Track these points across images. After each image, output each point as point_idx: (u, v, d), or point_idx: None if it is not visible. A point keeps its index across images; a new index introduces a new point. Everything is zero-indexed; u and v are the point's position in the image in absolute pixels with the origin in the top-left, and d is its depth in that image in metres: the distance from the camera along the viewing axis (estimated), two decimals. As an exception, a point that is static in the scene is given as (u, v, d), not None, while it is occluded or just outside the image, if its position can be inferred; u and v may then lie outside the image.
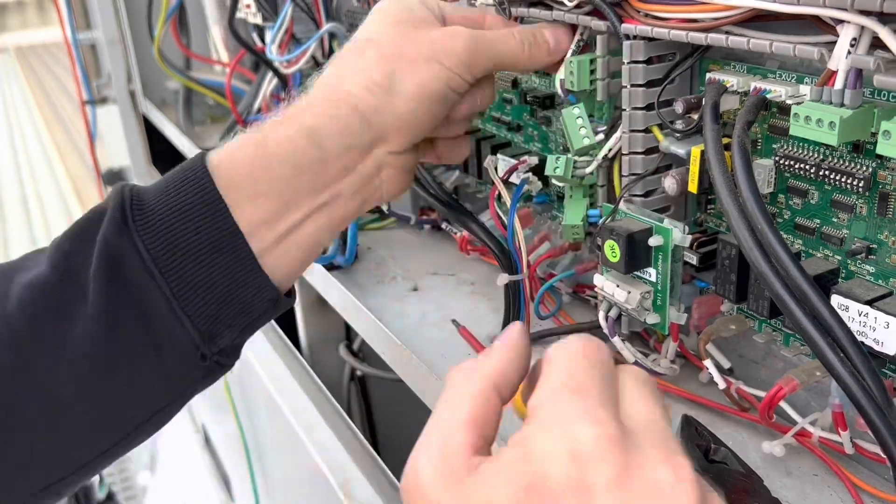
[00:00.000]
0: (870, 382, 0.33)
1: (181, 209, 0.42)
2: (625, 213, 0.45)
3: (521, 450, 0.27)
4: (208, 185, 0.43)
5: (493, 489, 0.27)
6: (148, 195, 0.43)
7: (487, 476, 0.28)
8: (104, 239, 0.42)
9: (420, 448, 0.30)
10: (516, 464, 0.27)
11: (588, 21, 0.46)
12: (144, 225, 0.42)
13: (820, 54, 0.36)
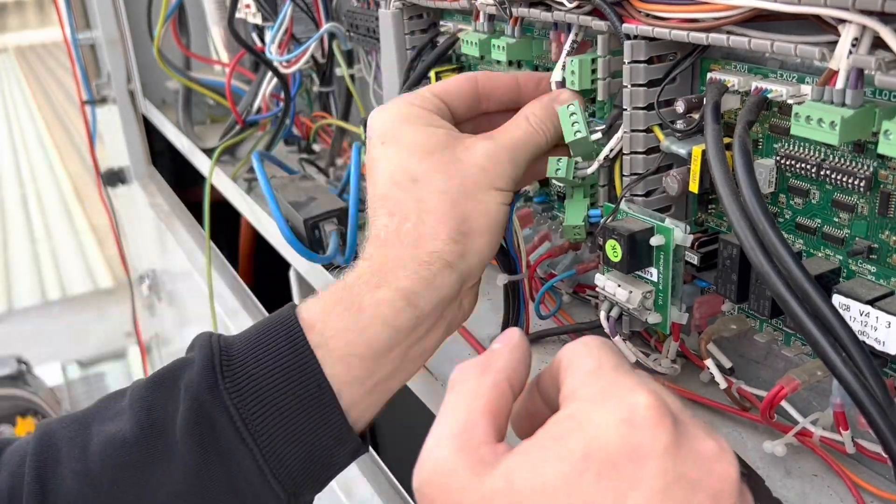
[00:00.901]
0: (871, 382, 0.33)
1: (273, 367, 0.42)
2: (626, 212, 0.45)
3: (573, 422, 0.29)
4: (301, 342, 0.42)
5: (542, 464, 0.28)
6: (236, 348, 0.43)
7: (532, 454, 0.28)
8: (195, 396, 0.41)
9: (439, 440, 0.30)
10: (569, 436, 0.28)
11: (588, 21, 0.46)
12: (234, 384, 0.42)
13: (821, 54, 0.36)
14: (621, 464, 0.27)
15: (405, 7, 0.65)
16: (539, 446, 0.28)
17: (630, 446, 0.27)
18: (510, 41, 0.55)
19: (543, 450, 0.28)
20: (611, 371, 0.30)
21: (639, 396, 0.28)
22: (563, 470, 0.27)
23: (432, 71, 0.64)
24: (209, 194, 1.03)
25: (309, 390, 0.42)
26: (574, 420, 0.29)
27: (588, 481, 0.27)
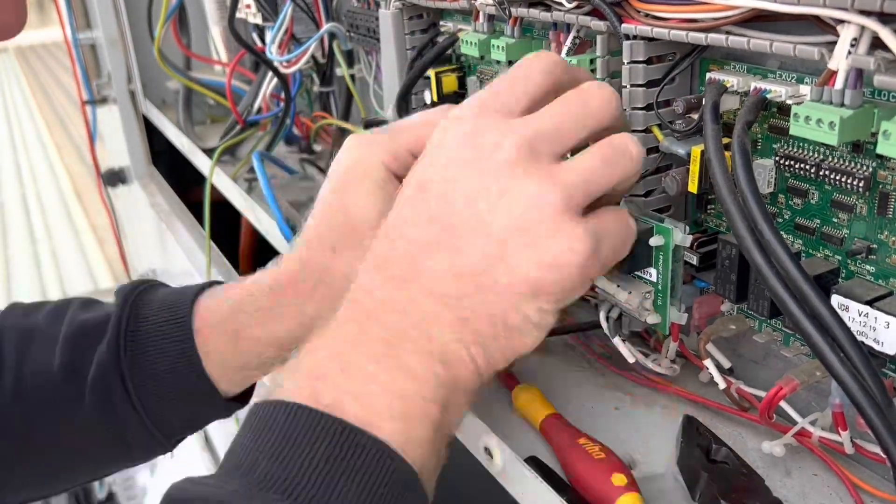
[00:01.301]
0: (870, 382, 0.33)
1: (164, 358, 0.54)
2: (625, 213, 0.45)
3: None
4: (190, 345, 0.54)
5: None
6: (141, 333, 0.55)
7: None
8: (101, 363, 0.54)
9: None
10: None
11: (588, 21, 0.46)
12: (133, 362, 0.54)
13: (820, 54, 0.36)
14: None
15: (405, 7, 0.65)
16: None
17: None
18: (510, 41, 0.55)
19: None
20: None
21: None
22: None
23: (431, 70, 0.64)
24: (209, 194, 1.03)
25: (191, 375, 0.54)
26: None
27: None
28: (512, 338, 0.38)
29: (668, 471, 0.44)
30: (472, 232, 0.37)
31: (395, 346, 0.36)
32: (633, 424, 0.48)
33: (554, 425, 0.46)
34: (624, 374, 0.52)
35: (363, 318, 0.37)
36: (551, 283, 0.37)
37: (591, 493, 0.41)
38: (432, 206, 0.38)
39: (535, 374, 0.53)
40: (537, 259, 0.36)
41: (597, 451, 0.43)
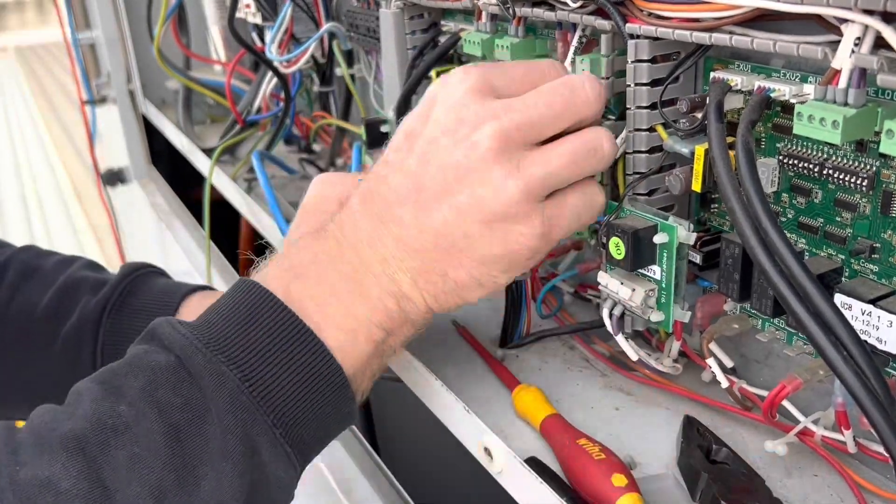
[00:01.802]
0: (873, 381, 0.33)
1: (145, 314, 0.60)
2: (629, 210, 0.45)
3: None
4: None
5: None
6: (136, 298, 0.59)
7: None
8: (81, 318, 0.58)
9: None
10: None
11: (592, 20, 0.46)
12: (112, 329, 0.58)
13: (824, 53, 0.36)
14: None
15: (406, 7, 0.65)
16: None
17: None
18: (514, 41, 0.55)
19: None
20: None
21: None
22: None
23: (434, 70, 0.64)
24: (209, 194, 1.03)
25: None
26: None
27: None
28: (460, 292, 0.44)
29: (668, 471, 0.44)
30: (437, 197, 0.42)
31: (361, 273, 0.43)
32: (633, 424, 0.48)
33: (554, 425, 0.46)
34: (625, 374, 0.52)
35: (343, 240, 0.44)
36: (500, 259, 0.43)
37: (591, 493, 0.41)
38: (412, 161, 0.43)
39: (535, 374, 0.53)
40: (491, 235, 0.42)
41: (597, 452, 0.43)
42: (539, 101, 0.42)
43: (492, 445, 0.45)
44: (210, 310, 0.43)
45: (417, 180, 0.43)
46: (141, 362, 0.41)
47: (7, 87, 7.06)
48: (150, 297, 0.59)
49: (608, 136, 0.43)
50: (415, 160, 0.43)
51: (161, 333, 0.42)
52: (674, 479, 0.43)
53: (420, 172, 0.43)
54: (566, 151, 0.42)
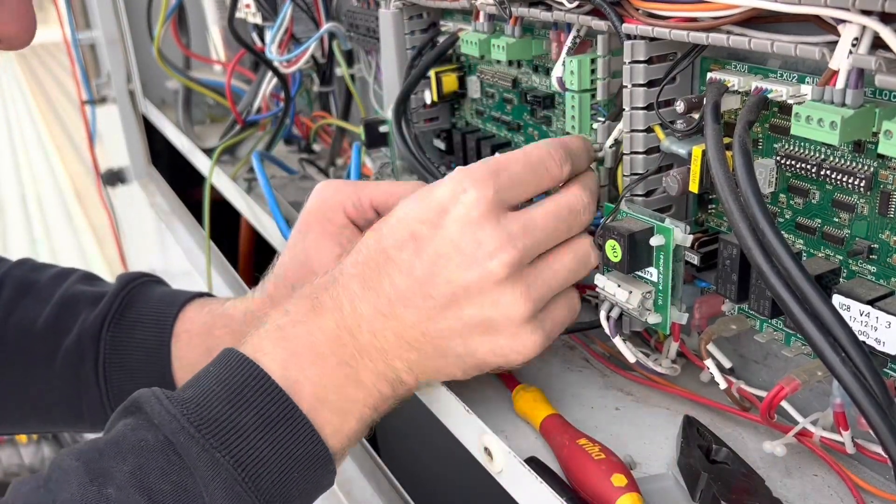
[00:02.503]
0: (871, 382, 0.33)
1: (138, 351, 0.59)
2: (626, 212, 0.45)
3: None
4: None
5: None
6: (134, 311, 0.60)
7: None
8: (81, 334, 0.58)
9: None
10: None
11: (588, 21, 0.46)
12: (112, 343, 0.58)
13: (821, 54, 0.36)
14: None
15: (405, 7, 0.65)
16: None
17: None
18: (510, 41, 0.55)
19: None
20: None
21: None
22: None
23: (432, 70, 0.64)
24: (209, 194, 1.03)
25: (157, 372, 0.58)
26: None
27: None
28: (451, 376, 0.46)
29: (668, 471, 0.44)
30: (444, 308, 0.43)
31: (358, 359, 0.44)
32: (633, 425, 0.48)
33: (554, 425, 0.46)
34: (624, 375, 0.52)
35: (342, 322, 0.44)
36: (495, 364, 0.45)
37: (590, 493, 0.41)
38: (419, 267, 0.43)
39: (535, 374, 0.53)
40: (490, 347, 0.44)
41: (597, 452, 0.43)
42: (548, 225, 0.44)
43: (492, 445, 0.45)
44: (198, 380, 0.43)
45: (424, 288, 0.43)
46: (128, 442, 0.39)
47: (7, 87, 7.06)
48: (148, 307, 0.59)
49: (594, 250, 0.46)
50: (422, 267, 0.43)
51: (148, 408, 0.41)
52: (674, 479, 0.43)
53: (427, 281, 0.43)
54: (564, 268, 0.45)
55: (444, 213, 0.43)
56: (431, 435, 0.52)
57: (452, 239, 0.42)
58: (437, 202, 0.43)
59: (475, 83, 0.65)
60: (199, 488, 0.38)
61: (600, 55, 0.47)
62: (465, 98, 0.67)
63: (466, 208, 0.42)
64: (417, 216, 0.44)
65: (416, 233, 0.43)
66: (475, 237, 0.42)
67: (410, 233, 0.43)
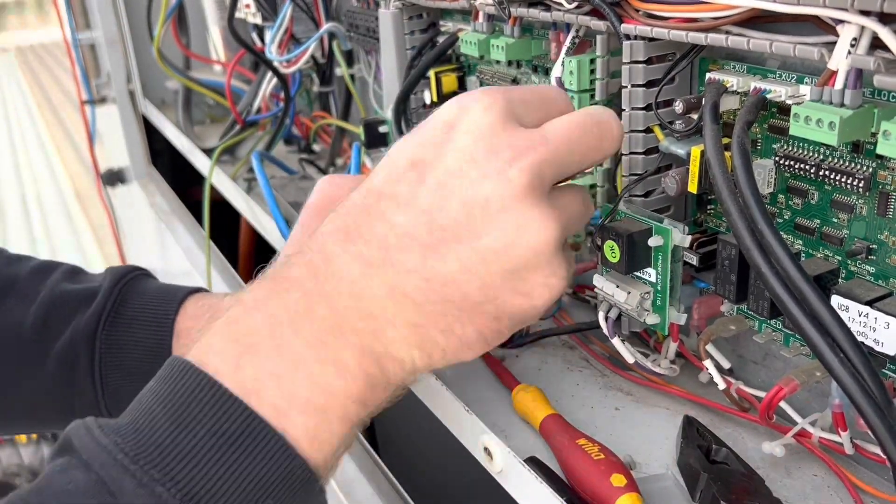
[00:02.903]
0: (870, 383, 0.33)
1: (138, 347, 0.56)
2: (624, 213, 0.45)
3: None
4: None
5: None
6: (131, 308, 0.56)
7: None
8: (74, 334, 0.55)
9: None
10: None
11: (587, 21, 0.46)
12: (108, 342, 0.55)
13: (820, 54, 0.36)
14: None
15: (405, 7, 0.65)
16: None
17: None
18: (509, 41, 0.55)
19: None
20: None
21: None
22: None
23: (432, 71, 0.64)
24: (209, 194, 1.03)
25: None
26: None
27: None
28: (459, 352, 0.38)
29: (668, 471, 0.44)
30: (456, 238, 0.36)
31: (337, 335, 0.35)
32: (633, 425, 0.48)
33: (554, 426, 0.46)
34: (624, 375, 0.52)
35: (313, 289, 0.36)
36: (519, 309, 0.37)
37: (590, 493, 0.41)
38: (424, 195, 0.36)
39: (535, 374, 0.53)
40: (513, 286, 0.36)
41: (596, 452, 0.43)
42: (573, 137, 0.38)
43: (492, 445, 0.45)
44: (138, 401, 0.35)
45: (432, 218, 0.35)
46: (54, 487, 0.32)
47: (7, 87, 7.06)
48: (145, 304, 0.56)
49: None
50: (429, 194, 0.36)
51: (77, 442, 0.33)
52: (673, 479, 0.43)
53: (436, 208, 0.36)
54: (585, 199, 0.41)
55: (450, 128, 0.37)
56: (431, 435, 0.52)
57: (465, 150, 0.36)
58: (441, 120, 0.37)
59: (475, 83, 0.65)
60: None
61: (599, 55, 0.48)
62: (464, 98, 0.67)
63: (478, 115, 0.36)
64: (416, 141, 0.37)
65: (416, 158, 0.37)
66: (492, 144, 0.36)
67: (409, 160, 0.37)
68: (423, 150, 0.37)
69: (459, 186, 0.36)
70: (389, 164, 0.37)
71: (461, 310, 0.36)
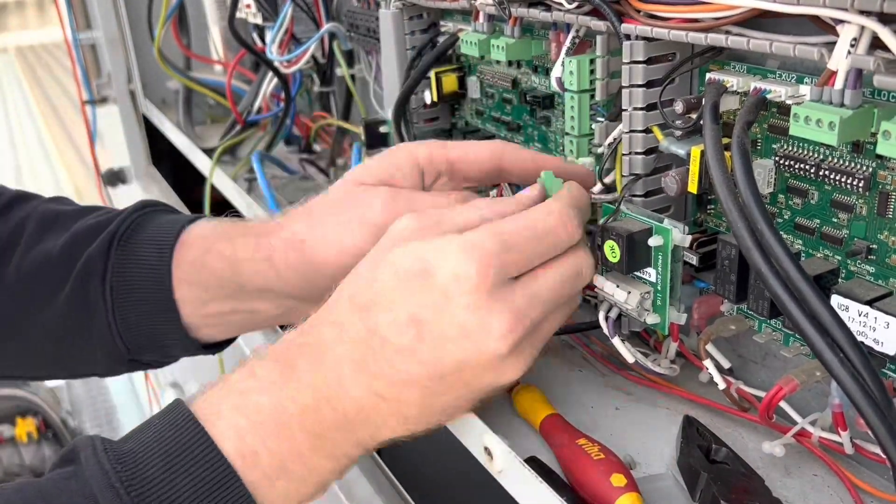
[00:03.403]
0: (869, 382, 0.33)
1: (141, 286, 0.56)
2: (625, 213, 0.45)
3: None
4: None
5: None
6: (140, 231, 0.57)
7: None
8: (90, 254, 0.56)
9: None
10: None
11: (588, 21, 0.46)
12: (118, 263, 0.56)
13: (820, 54, 0.36)
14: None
15: (405, 7, 0.65)
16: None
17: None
18: (510, 41, 0.55)
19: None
20: None
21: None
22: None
23: (432, 71, 0.64)
24: (209, 194, 1.03)
25: (160, 289, 0.55)
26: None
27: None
28: (429, 426, 0.44)
29: (667, 471, 0.44)
30: (452, 386, 0.41)
31: (336, 432, 0.42)
32: (633, 425, 0.48)
33: (554, 425, 0.46)
34: (624, 375, 0.52)
35: (322, 399, 0.41)
36: (471, 407, 0.45)
37: (590, 493, 0.41)
38: (425, 352, 0.41)
39: (535, 374, 0.53)
40: (481, 396, 0.43)
41: (596, 452, 0.43)
42: (553, 296, 0.43)
43: (492, 445, 0.45)
44: (141, 431, 0.41)
45: (432, 370, 0.41)
46: (54, 493, 0.38)
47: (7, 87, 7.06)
48: (157, 225, 0.58)
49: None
50: (428, 352, 0.41)
51: (83, 458, 0.39)
52: (673, 478, 0.43)
53: (435, 364, 0.41)
54: (556, 322, 0.45)
55: (447, 297, 0.40)
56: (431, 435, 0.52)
57: (459, 323, 0.40)
58: (440, 286, 0.40)
59: (475, 83, 0.65)
60: None
61: (599, 55, 0.48)
62: (464, 98, 0.67)
63: (470, 293, 0.40)
64: (417, 300, 0.41)
65: (416, 317, 0.41)
66: (483, 322, 0.40)
67: (410, 316, 0.41)
68: (422, 312, 0.40)
69: (454, 350, 0.40)
70: (392, 307, 0.41)
71: (443, 416, 0.44)
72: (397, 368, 0.41)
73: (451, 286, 0.40)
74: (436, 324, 0.40)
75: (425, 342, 0.41)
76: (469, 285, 0.40)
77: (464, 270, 0.40)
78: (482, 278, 0.40)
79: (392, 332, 0.41)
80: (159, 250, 0.56)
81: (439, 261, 0.41)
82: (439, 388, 0.41)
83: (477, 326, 0.40)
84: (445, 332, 0.40)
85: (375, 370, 0.41)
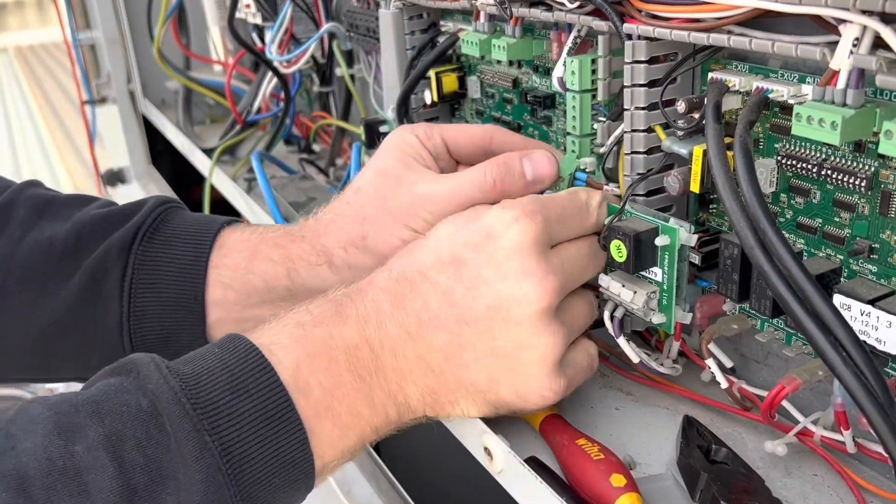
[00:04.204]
0: (872, 381, 0.33)
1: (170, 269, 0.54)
2: (631, 212, 0.45)
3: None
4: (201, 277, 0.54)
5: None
6: (171, 227, 0.55)
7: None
8: (108, 248, 0.53)
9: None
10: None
11: (589, 21, 0.46)
12: (143, 258, 0.53)
13: (822, 54, 0.36)
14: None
15: (405, 7, 0.65)
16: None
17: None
18: (511, 41, 0.55)
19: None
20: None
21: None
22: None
23: (432, 71, 0.64)
24: (209, 194, 1.03)
25: (188, 290, 0.53)
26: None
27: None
28: (459, 415, 0.45)
29: (667, 471, 0.44)
30: (478, 336, 0.43)
31: (373, 376, 0.43)
32: (633, 425, 0.48)
33: (554, 425, 0.46)
34: (624, 374, 0.52)
35: (364, 334, 0.43)
36: (514, 406, 0.44)
37: (590, 493, 0.41)
38: (458, 291, 0.43)
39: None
40: (514, 387, 0.43)
41: (596, 452, 0.43)
42: (588, 266, 0.46)
43: (492, 445, 0.45)
44: (200, 359, 0.40)
45: (460, 312, 0.42)
46: (109, 403, 0.37)
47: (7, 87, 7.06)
48: (187, 224, 0.55)
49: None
50: (462, 291, 0.43)
51: (144, 372, 0.38)
52: (673, 479, 0.43)
53: (465, 306, 0.42)
54: (584, 314, 0.47)
55: (491, 238, 0.43)
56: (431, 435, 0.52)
57: (499, 263, 0.42)
58: (485, 227, 0.43)
59: (475, 83, 0.65)
60: (175, 468, 0.36)
61: (601, 55, 0.48)
62: (465, 98, 0.67)
63: (516, 235, 0.42)
64: (462, 239, 0.43)
65: (458, 255, 0.43)
66: (522, 265, 0.42)
67: (452, 255, 0.43)
68: (465, 251, 0.43)
69: (488, 293, 0.42)
70: (437, 249, 0.44)
71: (468, 391, 0.44)
72: (428, 305, 0.43)
73: (496, 228, 0.43)
74: (475, 262, 0.43)
75: (462, 282, 0.43)
76: (516, 228, 0.42)
77: (510, 215, 0.43)
78: (528, 224, 0.42)
79: (433, 269, 0.43)
80: (196, 250, 0.54)
81: (487, 210, 0.44)
82: (465, 338, 0.42)
83: (516, 268, 0.42)
84: (483, 273, 0.42)
85: (409, 306, 0.43)
